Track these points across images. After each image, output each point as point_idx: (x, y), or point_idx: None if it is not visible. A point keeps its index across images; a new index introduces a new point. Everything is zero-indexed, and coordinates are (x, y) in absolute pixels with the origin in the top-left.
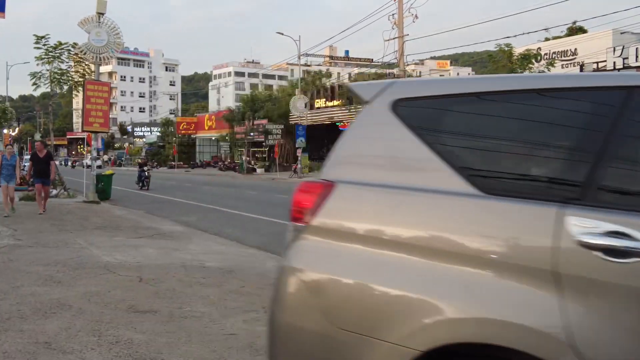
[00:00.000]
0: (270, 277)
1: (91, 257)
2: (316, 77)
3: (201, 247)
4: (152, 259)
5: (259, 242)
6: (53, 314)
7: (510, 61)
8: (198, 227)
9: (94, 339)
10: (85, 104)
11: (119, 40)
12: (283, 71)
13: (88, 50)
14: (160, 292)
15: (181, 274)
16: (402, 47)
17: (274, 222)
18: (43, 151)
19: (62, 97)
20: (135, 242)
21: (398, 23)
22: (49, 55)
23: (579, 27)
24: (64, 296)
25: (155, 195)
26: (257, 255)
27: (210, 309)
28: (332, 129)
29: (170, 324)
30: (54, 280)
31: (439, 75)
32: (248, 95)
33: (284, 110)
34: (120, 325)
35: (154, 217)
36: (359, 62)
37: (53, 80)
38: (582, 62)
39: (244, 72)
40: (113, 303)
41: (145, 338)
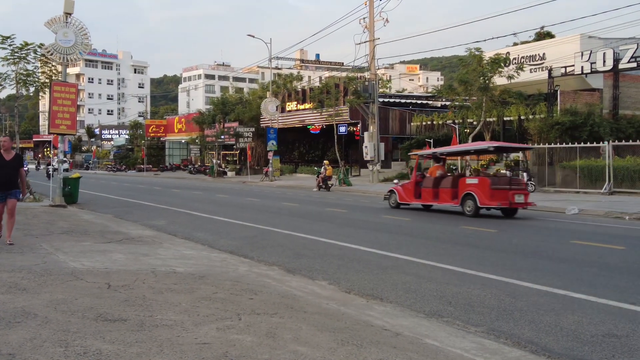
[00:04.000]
0: (244, 282)
1: (57, 263)
2: (287, 80)
3: (171, 252)
4: (121, 265)
5: (231, 246)
6: (17, 324)
7: (480, 65)
8: (168, 231)
9: (60, 349)
10: (52, 106)
11: (87, 41)
12: (254, 74)
13: (55, 51)
14: (129, 300)
15: (151, 280)
16: (373, 50)
17: (246, 226)
18: (10, 152)
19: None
20: (103, 247)
21: (369, 27)
22: (14, 55)
23: (547, 32)
24: (29, 304)
25: (124, 199)
26: (229, 260)
27: (182, 317)
28: (304, 132)
29: (141, 333)
30: (18, 288)
31: (408, 79)
32: (219, 97)
33: (255, 113)
34: (88, 335)
35: (123, 221)
36: (329, 66)
37: (19, 82)
38: (551, 67)
39: (214, 74)
40: (80, 311)
41: (115, 348)
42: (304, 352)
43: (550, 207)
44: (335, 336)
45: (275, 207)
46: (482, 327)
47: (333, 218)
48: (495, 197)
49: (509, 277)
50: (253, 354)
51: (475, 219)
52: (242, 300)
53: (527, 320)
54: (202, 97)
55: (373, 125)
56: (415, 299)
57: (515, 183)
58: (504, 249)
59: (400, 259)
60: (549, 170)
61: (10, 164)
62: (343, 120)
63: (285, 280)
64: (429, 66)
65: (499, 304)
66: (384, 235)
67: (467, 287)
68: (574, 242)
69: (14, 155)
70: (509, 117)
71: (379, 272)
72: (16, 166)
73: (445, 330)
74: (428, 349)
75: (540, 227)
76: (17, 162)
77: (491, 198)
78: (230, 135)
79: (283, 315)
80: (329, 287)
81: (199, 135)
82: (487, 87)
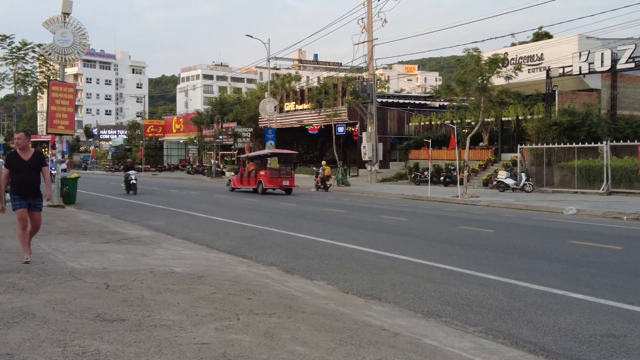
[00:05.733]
0: (242, 282)
1: (56, 263)
2: (285, 81)
3: (170, 252)
4: (119, 265)
5: (230, 246)
6: (16, 324)
7: (478, 65)
8: (166, 232)
9: (59, 349)
10: (50, 106)
11: (85, 41)
12: (252, 74)
13: (53, 51)
14: (128, 300)
15: (150, 280)
16: (372, 51)
17: (244, 226)
18: (28, 150)
19: (27, 99)
20: (101, 248)
21: (367, 27)
22: (13, 55)
23: (545, 33)
24: (27, 304)
25: (122, 200)
26: (227, 260)
27: (180, 317)
28: (302, 132)
29: (139, 333)
30: (16, 288)
31: (406, 79)
32: (217, 98)
33: (253, 113)
34: (86, 335)
35: (121, 221)
36: (328, 66)
37: (17, 82)
38: (549, 67)
39: (213, 75)
40: (79, 311)
41: (113, 349)
42: (303, 352)
43: (548, 207)
44: (333, 336)
45: (273, 207)
46: (480, 327)
47: (331, 218)
48: (272, 182)
49: (507, 277)
50: (251, 354)
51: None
52: (241, 300)
53: (525, 320)
54: (200, 97)
55: (371, 125)
56: (413, 299)
57: (284, 173)
58: (502, 249)
59: (399, 259)
60: (547, 170)
61: (29, 164)
62: (341, 121)
63: (284, 280)
64: (427, 66)
65: (497, 304)
66: (382, 235)
67: (466, 287)
68: (572, 242)
69: (33, 153)
70: (507, 117)
71: (377, 272)
72: (37, 166)
73: (444, 330)
74: (426, 348)
75: (538, 228)
76: (38, 162)
77: (270, 183)
78: (228, 136)
79: (281, 316)
80: (327, 287)
81: (197, 135)
82: (485, 87)
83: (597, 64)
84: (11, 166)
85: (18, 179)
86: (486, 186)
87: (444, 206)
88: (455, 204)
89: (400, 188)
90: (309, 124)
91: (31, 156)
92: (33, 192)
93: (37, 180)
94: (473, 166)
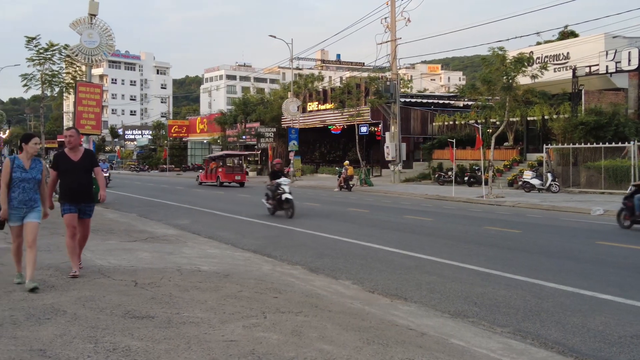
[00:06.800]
0: (268, 281)
1: (84, 261)
2: (308, 81)
3: (196, 251)
4: (147, 263)
5: (254, 245)
6: (47, 320)
7: (503, 64)
8: (192, 231)
9: (90, 346)
10: (77, 106)
11: (111, 42)
12: (275, 74)
13: (80, 52)
14: (156, 297)
15: (177, 278)
16: (395, 50)
17: (268, 225)
18: (78, 150)
19: (53, 100)
20: (129, 246)
21: (391, 26)
22: (40, 56)
23: (571, 32)
24: (57, 301)
25: (148, 199)
26: (252, 259)
27: (208, 315)
28: (325, 132)
29: (169, 330)
30: (47, 285)
31: (430, 79)
32: (240, 98)
33: (276, 113)
34: (116, 332)
35: (147, 220)
36: (350, 66)
37: (44, 82)
38: (575, 66)
39: (236, 75)
40: (109, 308)
41: (143, 345)
42: (330, 350)
43: (575, 207)
44: (360, 335)
45: (297, 206)
46: (508, 328)
47: (355, 218)
48: (228, 177)
49: (535, 278)
50: (279, 352)
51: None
52: (267, 299)
53: (553, 321)
54: (223, 97)
55: (394, 125)
56: (439, 299)
57: (237, 169)
58: (529, 249)
59: (424, 259)
60: (573, 170)
61: (79, 165)
62: (364, 121)
63: (309, 279)
64: (451, 66)
65: (525, 304)
66: (406, 235)
67: (493, 287)
68: (600, 243)
69: (84, 153)
70: (532, 117)
71: (403, 272)
72: (88, 168)
73: (471, 331)
74: (454, 349)
75: (565, 228)
76: (89, 162)
77: (225, 177)
78: (251, 136)
79: (308, 314)
80: (353, 287)
81: (221, 135)
82: (510, 86)
83: (624, 62)
84: (59, 168)
85: (67, 182)
86: (511, 186)
87: (469, 206)
88: (480, 204)
89: (424, 188)
90: (332, 124)
91: (81, 156)
92: (84, 197)
93: (89, 183)
94: (498, 166)
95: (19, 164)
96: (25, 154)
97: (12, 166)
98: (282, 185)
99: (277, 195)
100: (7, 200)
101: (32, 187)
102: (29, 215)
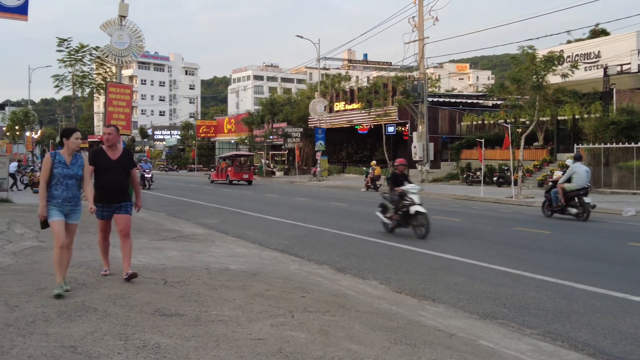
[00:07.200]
0: (295, 280)
1: (115, 259)
2: (335, 81)
3: (224, 250)
4: (176, 262)
5: (282, 245)
6: (78, 317)
7: (533, 63)
8: (219, 230)
9: (120, 342)
10: (108, 107)
11: (141, 43)
12: (302, 75)
13: (110, 53)
14: (185, 295)
15: (205, 276)
16: (422, 49)
17: (296, 225)
18: (116, 148)
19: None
20: (158, 245)
21: (418, 25)
22: (71, 58)
23: (602, 30)
24: (88, 299)
25: (176, 198)
26: (280, 259)
27: (236, 313)
28: (352, 132)
29: (197, 328)
30: (78, 282)
31: (458, 78)
32: (267, 98)
33: (303, 113)
34: (146, 329)
35: (176, 219)
36: (377, 66)
37: (75, 83)
38: (606, 65)
39: (263, 75)
40: (139, 306)
41: (173, 342)
42: (358, 350)
43: (606, 208)
44: (388, 335)
45: (323, 206)
46: (537, 330)
47: None
48: (236, 176)
49: (565, 280)
50: (307, 351)
51: None
52: (294, 298)
53: (584, 323)
54: (250, 97)
55: (422, 125)
56: (468, 300)
57: (245, 169)
58: (559, 250)
59: (452, 259)
60: (604, 170)
61: (117, 164)
62: (391, 120)
63: (336, 279)
64: (479, 65)
65: (555, 306)
66: (434, 236)
67: (522, 289)
68: (632, 244)
69: (122, 152)
70: (563, 116)
71: (430, 273)
72: (126, 167)
73: (500, 332)
74: (483, 350)
75: (595, 229)
76: (127, 162)
77: (234, 176)
78: (278, 136)
79: (335, 314)
80: (380, 287)
81: (248, 135)
82: (540, 85)
83: None
84: (97, 166)
85: (103, 182)
86: (541, 187)
87: (498, 207)
88: (510, 204)
89: (452, 188)
90: (359, 123)
91: (120, 155)
92: (120, 197)
93: (126, 184)
94: (528, 166)
95: (60, 159)
96: (66, 149)
97: (53, 162)
98: (409, 193)
99: (402, 208)
100: (46, 197)
101: (75, 183)
102: (71, 216)
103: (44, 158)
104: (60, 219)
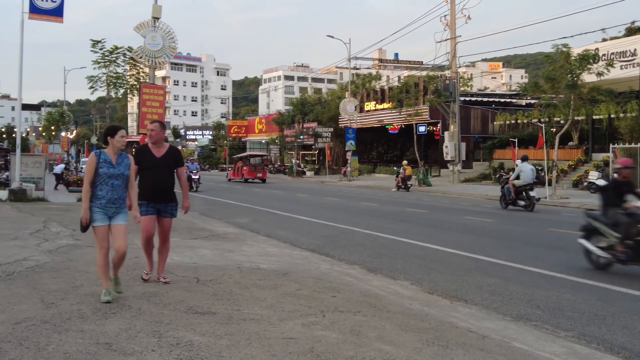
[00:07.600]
0: (326, 280)
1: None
2: (366, 80)
3: (255, 249)
4: (208, 260)
5: (312, 244)
6: (113, 315)
7: (568, 62)
8: (251, 229)
9: (154, 340)
10: (142, 107)
11: (174, 44)
12: (332, 75)
13: (144, 54)
14: (217, 294)
15: (237, 275)
16: (454, 48)
17: (326, 225)
18: (162, 145)
19: (118, 101)
20: (190, 243)
21: (450, 24)
22: (105, 59)
23: (638, 28)
24: (123, 296)
25: (208, 197)
26: (311, 258)
27: (268, 312)
28: (382, 132)
29: (229, 326)
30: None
31: (490, 77)
32: (298, 98)
33: (333, 113)
34: (180, 327)
35: (208, 218)
36: (408, 65)
37: (109, 84)
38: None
39: (294, 76)
40: (172, 304)
41: (205, 340)
42: (389, 350)
43: None
44: (420, 336)
45: (354, 206)
46: (572, 332)
47: (413, 218)
48: (251, 174)
49: (601, 282)
50: (338, 351)
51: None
52: (325, 298)
53: (620, 326)
54: (281, 98)
55: (454, 124)
56: (501, 301)
57: (259, 168)
58: None
59: (484, 260)
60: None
61: (162, 162)
62: (422, 120)
63: (367, 279)
64: (512, 64)
65: (590, 308)
66: (466, 236)
67: (557, 290)
68: None
69: (168, 149)
70: (598, 115)
71: (462, 274)
72: (171, 166)
73: (534, 334)
74: (516, 352)
75: None
76: (173, 160)
77: (249, 174)
78: (309, 136)
79: (366, 314)
80: (411, 287)
81: (279, 135)
82: (575, 84)
83: None
84: (140, 164)
85: (147, 180)
86: (576, 187)
87: None
88: (544, 205)
89: (484, 189)
90: (390, 123)
91: (165, 152)
92: (165, 197)
93: (171, 183)
94: (562, 166)
95: (106, 158)
96: (111, 148)
97: (98, 161)
98: None
99: (637, 234)
100: (89, 198)
101: (121, 184)
102: (117, 217)
103: (89, 158)
104: (104, 224)
